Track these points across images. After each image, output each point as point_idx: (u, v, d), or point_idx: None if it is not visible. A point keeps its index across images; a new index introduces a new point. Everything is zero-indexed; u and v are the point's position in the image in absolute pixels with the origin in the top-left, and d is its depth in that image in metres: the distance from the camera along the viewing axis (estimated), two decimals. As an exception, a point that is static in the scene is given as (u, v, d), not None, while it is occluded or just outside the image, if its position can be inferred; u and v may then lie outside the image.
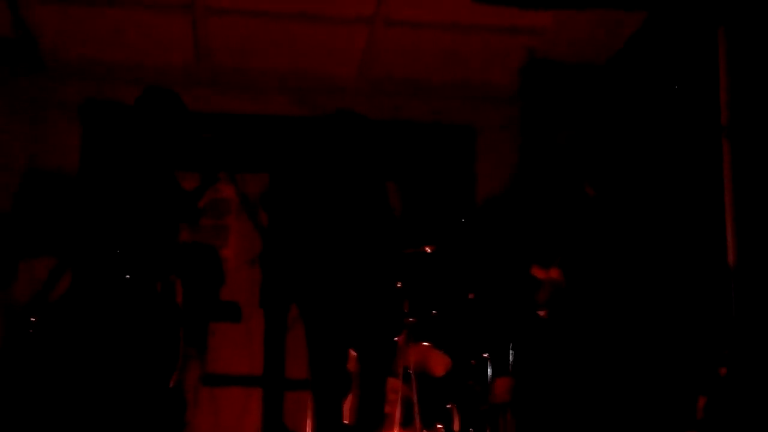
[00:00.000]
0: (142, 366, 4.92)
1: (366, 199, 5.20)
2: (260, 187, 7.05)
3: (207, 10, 6.38)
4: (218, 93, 7.03)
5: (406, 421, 5.82)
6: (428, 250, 5.95)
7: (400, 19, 6.43)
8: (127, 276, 4.89)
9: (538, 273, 5.73)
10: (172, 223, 5.09)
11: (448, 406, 6.05)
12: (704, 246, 5.69)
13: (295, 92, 7.04)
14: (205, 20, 6.47)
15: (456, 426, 6.00)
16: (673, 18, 5.96)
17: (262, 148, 7.10)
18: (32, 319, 5.61)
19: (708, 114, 5.65)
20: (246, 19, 6.47)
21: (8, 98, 6.82)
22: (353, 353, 5.12)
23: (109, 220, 5.02)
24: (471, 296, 6.20)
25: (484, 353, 6.02)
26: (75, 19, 6.44)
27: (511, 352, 5.93)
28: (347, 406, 5.13)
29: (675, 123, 5.98)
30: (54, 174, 6.56)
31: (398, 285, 5.75)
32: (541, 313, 5.76)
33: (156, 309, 4.98)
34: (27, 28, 6.53)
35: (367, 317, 5.05)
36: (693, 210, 5.81)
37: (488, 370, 6.00)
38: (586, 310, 5.51)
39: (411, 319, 5.96)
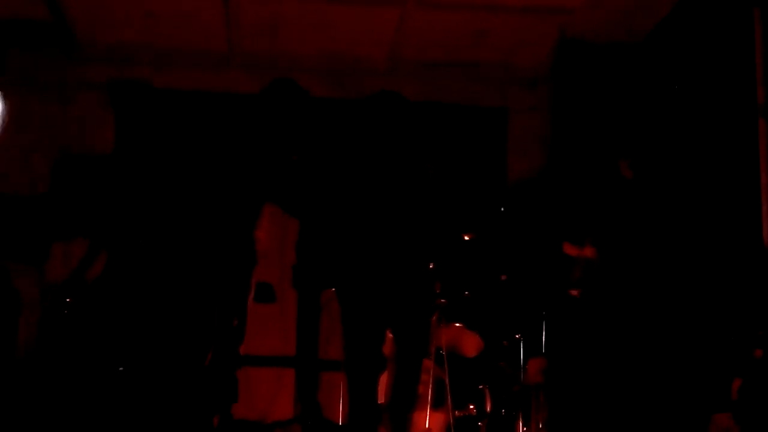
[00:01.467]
0: (178, 346, 4.96)
1: (402, 181, 5.20)
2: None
3: (239, -8, 6.40)
4: (249, 75, 7.04)
5: (438, 401, 5.83)
6: (467, 237, 5.95)
7: (431, 0, 6.41)
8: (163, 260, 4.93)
9: (570, 250, 5.72)
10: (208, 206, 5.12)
11: (480, 387, 6.05)
12: (740, 226, 5.65)
13: (327, 74, 7.05)
14: (236, 2, 6.48)
15: (488, 407, 6.00)
16: (708, -2, 5.92)
17: (293, 129, 7.10)
18: (68, 299, 5.65)
19: (744, 93, 5.61)
20: (277, 0, 6.47)
21: (43, 80, 6.88)
22: (389, 335, 5.13)
23: (144, 202, 5.06)
24: (503, 277, 6.19)
25: (517, 334, 6.02)
26: (109, 1, 6.47)
27: (543, 332, 5.93)
28: (381, 387, 5.14)
29: (710, 103, 5.93)
30: (88, 156, 6.59)
31: (430, 266, 5.75)
32: (574, 292, 5.75)
33: (189, 290, 5.02)
34: (60, 10, 6.57)
35: (403, 298, 5.06)
36: (728, 190, 5.77)
37: (520, 351, 6.00)
38: (620, 290, 5.49)
39: (443, 300, 5.97)
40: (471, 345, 6.18)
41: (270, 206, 7.12)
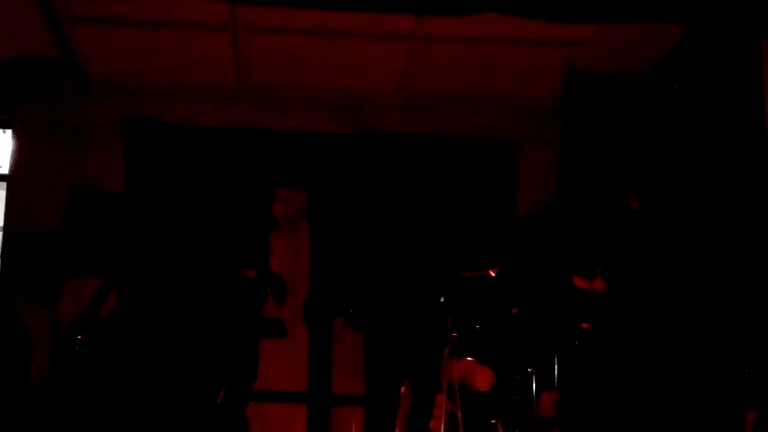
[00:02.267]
0: (190, 383, 4.96)
1: (413, 215, 5.22)
2: (301, 204, 7.08)
3: (247, 29, 6.41)
4: (258, 110, 7.08)
5: (451, 436, 5.80)
6: (492, 273, 5.96)
7: (440, 34, 6.42)
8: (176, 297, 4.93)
9: (581, 284, 5.70)
10: (219, 242, 5.13)
11: (492, 421, 6.01)
12: (751, 258, 5.63)
13: (336, 109, 7.07)
14: (245, 39, 6.51)
15: (501, 441, 5.97)
16: (716, 29, 5.92)
17: (303, 164, 7.13)
18: (79, 337, 5.66)
19: (752, 125, 5.60)
20: (285, 36, 6.50)
21: (54, 118, 6.93)
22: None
23: (155, 240, 5.07)
24: (515, 310, 6.17)
25: (529, 368, 5.99)
26: (118, 39, 6.51)
27: (556, 366, 5.90)
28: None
29: (719, 134, 5.92)
30: (99, 194, 6.63)
31: (441, 300, 5.75)
32: (585, 325, 5.73)
33: (202, 327, 5.02)
34: (71, 48, 6.62)
35: (415, 333, 5.06)
36: (738, 221, 5.75)
37: (533, 384, 5.96)
38: (631, 323, 5.47)
39: (455, 334, 5.95)
40: (483, 379, 6.15)
41: (281, 240, 7.16)
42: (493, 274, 6.03)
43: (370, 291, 5.15)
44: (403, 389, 5.19)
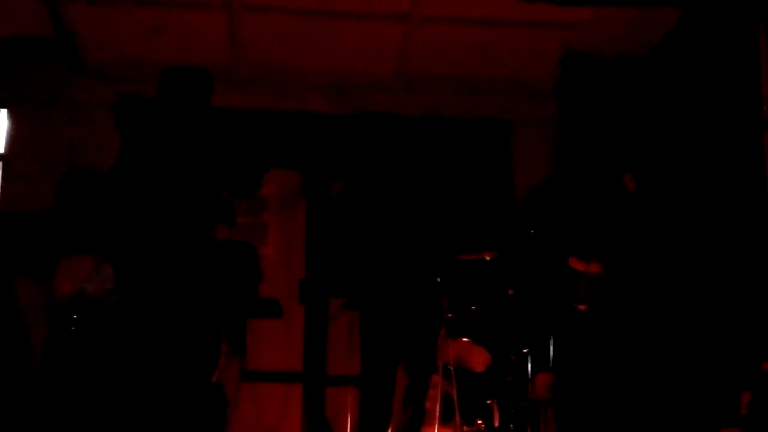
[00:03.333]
0: (185, 363, 4.95)
1: (409, 197, 5.22)
2: (296, 184, 7.08)
3: (243, 8, 6.40)
4: (254, 91, 7.06)
5: (446, 417, 5.81)
6: (487, 257, 5.96)
7: (436, 14, 6.42)
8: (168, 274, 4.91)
9: (576, 265, 5.71)
10: (210, 221, 5.11)
11: (488, 402, 6.03)
12: (746, 240, 5.65)
13: (332, 89, 7.06)
14: (241, 18, 6.50)
15: (496, 422, 5.98)
16: (714, 11, 5.92)
17: (298, 145, 7.12)
18: (74, 316, 5.65)
19: (749, 107, 5.62)
20: (282, 16, 6.49)
21: (49, 97, 6.91)
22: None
23: (146, 217, 5.05)
24: (510, 291, 6.18)
25: (524, 349, 6.01)
26: (113, 18, 6.49)
27: (551, 347, 5.92)
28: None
29: (715, 116, 5.94)
30: (94, 172, 6.61)
31: (437, 280, 5.76)
32: (581, 307, 5.74)
33: (197, 306, 5.00)
34: (66, 27, 6.59)
35: (411, 314, 5.07)
36: (734, 202, 5.77)
37: (528, 365, 5.98)
38: (627, 304, 5.49)
39: (450, 315, 5.96)
40: (478, 360, 6.16)
41: (276, 221, 7.16)
42: (488, 258, 6.04)
43: (366, 271, 5.15)
44: (398, 370, 5.20)
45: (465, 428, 5.84)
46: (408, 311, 5.09)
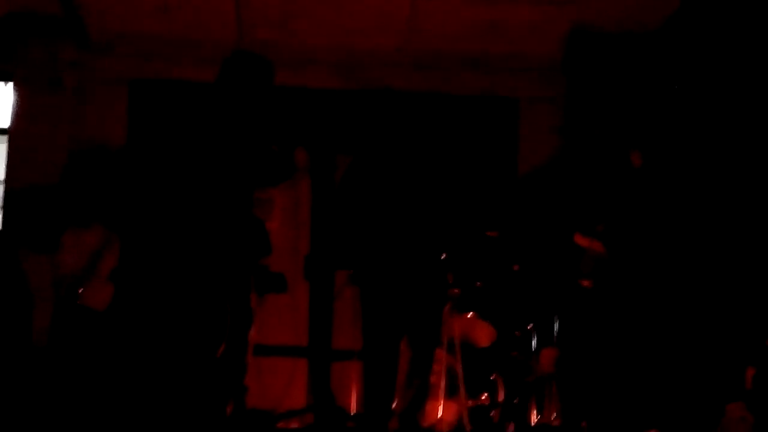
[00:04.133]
0: (191, 337, 4.96)
1: (414, 173, 5.22)
2: (302, 160, 7.07)
3: (250, -17, 6.41)
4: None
5: (451, 391, 5.83)
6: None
7: (442, -9, 6.43)
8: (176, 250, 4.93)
9: (581, 241, 5.71)
10: (221, 195, 5.11)
11: (492, 377, 6.05)
12: (753, 216, 5.64)
13: (339, 66, 7.05)
14: (247, -7, 6.51)
15: (501, 397, 6.00)
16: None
17: (304, 121, 7.12)
18: (80, 290, 5.66)
19: (757, 84, 5.60)
20: (288, -9, 6.50)
21: (55, 73, 6.91)
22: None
23: (156, 193, 5.06)
24: (516, 267, 6.19)
25: (529, 324, 6.02)
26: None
27: (555, 322, 5.93)
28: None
29: (723, 93, 5.92)
30: (100, 147, 6.62)
31: (443, 256, 5.76)
32: (586, 283, 5.75)
33: (203, 280, 5.01)
34: (72, 3, 6.59)
35: (415, 288, 5.07)
36: (741, 179, 5.76)
37: (533, 341, 6.00)
38: (632, 280, 5.49)
39: (456, 290, 5.97)
40: (483, 335, 6.18)
41: (282, 196, 7.16)
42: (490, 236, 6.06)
43: (370, 245, 5.15)
44: (402, 345, 5.20)
45: (470, 403, 5.86)
46: (411, 285, 5.09)
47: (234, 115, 4.97)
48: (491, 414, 5.96)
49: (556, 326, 5.94)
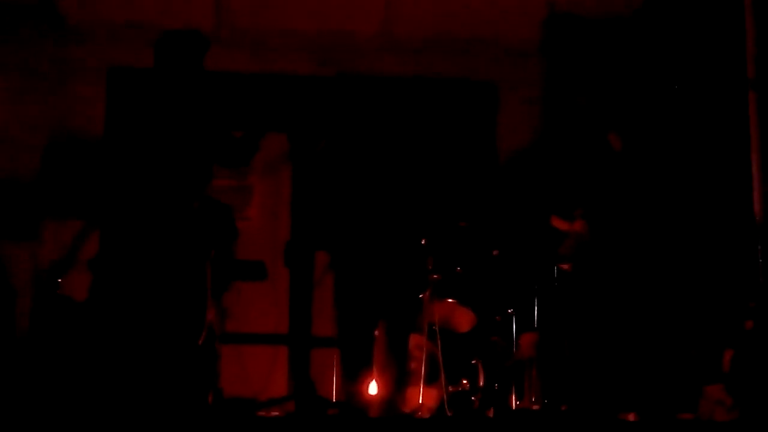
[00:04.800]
0: (171, 325, 4.97)
1: (393, 157, 5.22)
2: (281, 147, 7.07)
3: (227, -31, 6.38)
4: (238, 54, 7.03)
5: (432, 377, 5.85)
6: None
7: (422, -26, 6.41)
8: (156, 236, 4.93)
9: (559, 225, 5.73)
10: (198, 183, 5.11)
11: (473, 362, 6.07)
12: (730, 199, 5.67)
13: (317, 51, 7.03)
14: (224, -22, 6.48)
15: (481, 382, 6.02)
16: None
17: (284, 107, 7.10)
18: (59, 279, 5.66)
19: (734, 67, 5.61)
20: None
21: (32, 62, 6.86)
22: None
23: (137, 182, 5.06)
24: (495, 252, 6.20)
25: (509, 309, 6.03)
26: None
27: (536, 307, 5.94)
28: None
29: (700, 76, 5.93)
30: (78, 137, 6.60)
31: (422, 242, 5.77)
32: (565, 266, 5.76)
33: (183, 268, 5.02)
34: (47, -9, 6.56)
35: (392, 275, 5.08)
36: (719, 162, 5.78)
37: (513, 325, 6.01)
38: (610, 263, 5.51)
39: (435, 276, 5.98)
40: (464, 320, 6.19)
41: (261, 183, 7.16)
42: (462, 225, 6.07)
43: (350, 232, 5.16)
44: (376, 331, 5.22)
45: (450, 388, 5.88)
46: (389, 271, 5.10)
47: (172, 98, 4.95)
48: (472, 399, 5.98)
49: (536, 311, 5.96)
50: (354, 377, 5.08)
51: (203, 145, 5.01)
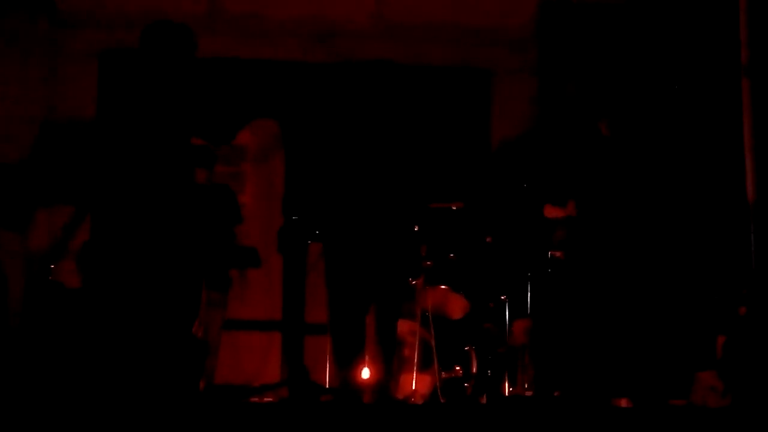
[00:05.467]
0: (166, 313, 4.95)
1: (386, 144, 5.21)
2: (275, 133, 7.05)
3: (220, -46, 6.36)
4: (231, 40, 7.00)
5: (425, 363, 5.86)
6: (454, 207, 5.98)
7: (414, -39, 6.40)
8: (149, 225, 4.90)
9: (552, 212, 5.72)
10: (189, 169, 5.09)
11: (466, 348, 6.08)
12: (723, 184, 5.67)
13: (311, 38, 7.01)
14: (218, -36, 6.45)
15: (474, 368, 6.03)
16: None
17: (277, 94, 7.08)
18: (51, 266, 5.64)
19: (728, 53, 5.60)
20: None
21: (25, 48, 6.84)
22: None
23: (128, 168, 5.03)
24: (489, 239, 6.20)
25: (502, 296, 6.04)
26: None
27: (528, 294, 5.95)
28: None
29: (694, 62, 5.93)
30: (71, 122, 6.57)
31: (416, 229, 5.77)
32: (557, 254, 5.76)
33: (177, 255, 4.99)
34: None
35: (383, 261, 5.07)
36: (712, 148, 5.78)
37: (506, 312, 6.02)
38: (603, 250, 5.51)
39: (428, 263, 5.98)
40: (457, 307, 6.20)
41: (254, 170, 7.14)
42: (454, 208, 6.06)
43: (342, 219, 5.14)
44: (367, 317, 5.20)
45: (443, 375, 5.90)
46: (381, 258, 5.08)
47: (162, 83, 4.94)
48: (465, 385, 5.99)
49: (529, 297, 5.96)
50: (345, 363, 5.06)
51: (191, 125, 4.99)
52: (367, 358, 5.11)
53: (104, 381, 5.12)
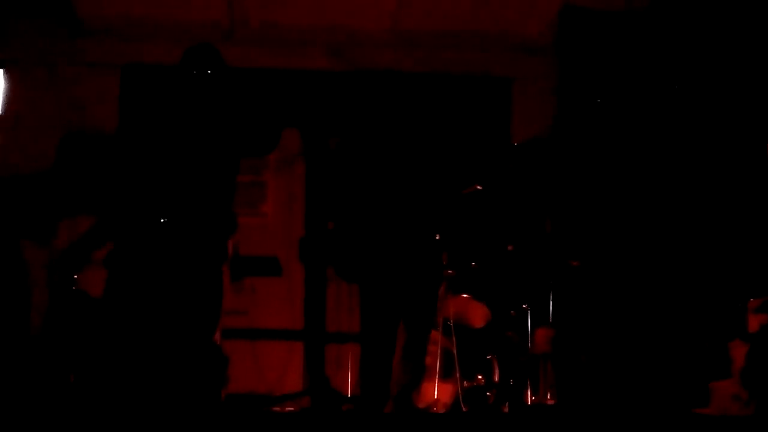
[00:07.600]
0: (187, 322, 4.97)
1: (407, 153, 5.22)
2: (295, 142, 7.07)
3: (240, -35, 6.39)
4: (252, 49, 7.03)
5: (447, 372, 5.85)
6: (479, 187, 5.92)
7: (432, -31, 6.41)
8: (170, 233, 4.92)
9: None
10: (212, 180, 5.11)
11: (488, 357, 6.07)
12: (747, 190, 5.65)
13: (331, 47, 7.03)
14: (238, -26, 6.48)
15: (496, 377, 6.02)
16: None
17: (297, 103, 7.11)
18: (75, 276, 5.67)
19: (751, 60, 5.59)
20: (279, -27, 6.48)
21: (46, 57, 6.89)
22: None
23: (149, 179, 5.06)
24: (510, 247, 6.19)
25: (524, 304, 6.02)
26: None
27: (550, 302, 5.94)
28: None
29: (716, 70, 5.91)
30: (92, 133, 6.61)
31: (437, 237, 5.77)
32: (574, 263, 5.75)
33: (200, 265, 5.01)
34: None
35: (410, 270, 5.09)
36: (736, 154, 5.75)
37: (528, 320, 6.00)
38: (624, 258, 5.51)
39: (450, 272, 5.98)
40: (478, 315, 6.19)
41: (275, 179, 7.16)
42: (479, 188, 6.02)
43: (366, 232, 5.16)
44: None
45: (465, 383, 5.89)
46: (407, 268, 5.10)
47: (192, 99, 4.98)
48: (487, 394, 5.98)
49: (551, 306, 5.95)
50: (374, 373, 5.08)
51: (222, 138, 5.01)
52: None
53: (127, 389, 5.15)
